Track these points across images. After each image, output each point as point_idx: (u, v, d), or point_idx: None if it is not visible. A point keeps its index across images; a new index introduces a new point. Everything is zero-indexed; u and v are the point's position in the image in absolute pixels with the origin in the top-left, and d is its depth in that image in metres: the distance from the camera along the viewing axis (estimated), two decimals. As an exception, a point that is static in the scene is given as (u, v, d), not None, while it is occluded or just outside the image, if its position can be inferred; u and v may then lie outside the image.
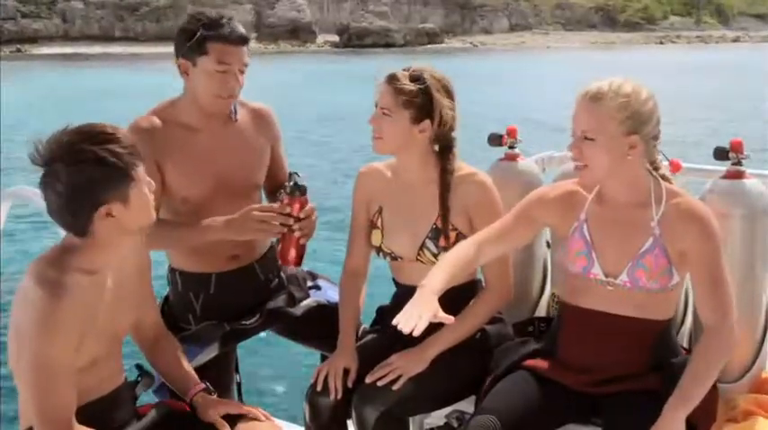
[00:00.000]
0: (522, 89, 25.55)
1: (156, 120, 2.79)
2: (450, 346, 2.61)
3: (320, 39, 59.74)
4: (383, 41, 58.30)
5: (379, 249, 2.75)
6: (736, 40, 72.58)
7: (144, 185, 2.17)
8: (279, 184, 2.86)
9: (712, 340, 2.33)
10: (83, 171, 2.05)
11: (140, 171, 2.15)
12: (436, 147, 2.67)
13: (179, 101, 2.85)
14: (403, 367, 2.54)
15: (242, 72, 2.77)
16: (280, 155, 3.02)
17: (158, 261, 2.59)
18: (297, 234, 2.69)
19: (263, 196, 3.02)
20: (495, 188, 2.67)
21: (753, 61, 39.39)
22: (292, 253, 2.72)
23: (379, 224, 2.74)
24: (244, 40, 2.76)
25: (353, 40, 59.17)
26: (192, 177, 2.79)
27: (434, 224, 2.64)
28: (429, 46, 58.90)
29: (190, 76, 2.77)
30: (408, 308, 2.24)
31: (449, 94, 2.64)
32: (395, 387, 2.50)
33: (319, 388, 2.58)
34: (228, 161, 2.84)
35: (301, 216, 2.70)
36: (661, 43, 70.31)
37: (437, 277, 2.35)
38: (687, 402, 2.26)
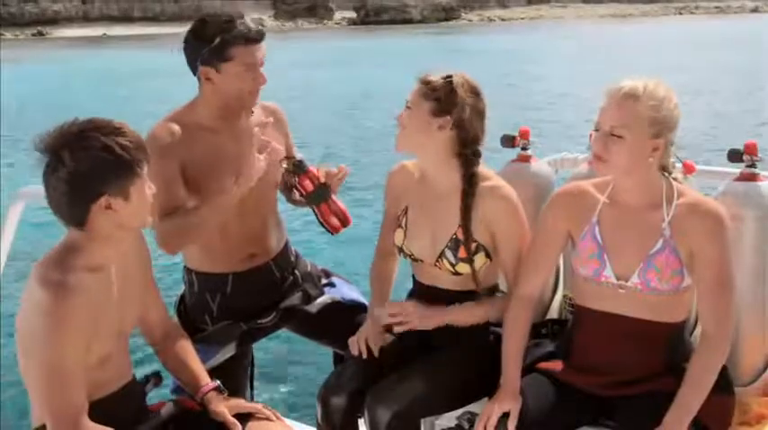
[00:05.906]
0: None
1: (176, 127, 2.77)
2: (463, 324, 2.65)
3: (337, 15, 59.36)
4: (400, 17, 57.86)
5: (400, 249, 2.74)
6: (755, 10, 71.40)
7: (146, 185, 2.17)
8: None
9: (712, 348, 2.33)
10: (88, 158, 2.06)
11: (145, 170, 2.16)
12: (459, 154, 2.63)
13: (197, 103, 2.84)
14: (413, 320, 2.59)
15: (263, 64, 2.80)
16: (290, 150, 3.03)
17: (174, 261, 2.57)
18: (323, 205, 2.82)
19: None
20: (519, 203, 2.63)
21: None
22: (334, 220, 2.81)
23: (402, 224, 2.73)
24: (262, 36, 2.78)
25: (371, 16, 58.75)
26: (219, 178, 2.78)
27: (455, 234, 2.62)
28: (446, 22, 58.38)
29: (214, 82, 2.76)
30: (494, 407, 2.36)
31: (476, 98, 2.60)
32: (406, 384, 2.52)
33: None
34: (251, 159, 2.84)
35: (322, 180, 2.81)
36: (680, 14, 69.31)
37: (513, 374, 2.46)
38: (689, 412, 2.26)
